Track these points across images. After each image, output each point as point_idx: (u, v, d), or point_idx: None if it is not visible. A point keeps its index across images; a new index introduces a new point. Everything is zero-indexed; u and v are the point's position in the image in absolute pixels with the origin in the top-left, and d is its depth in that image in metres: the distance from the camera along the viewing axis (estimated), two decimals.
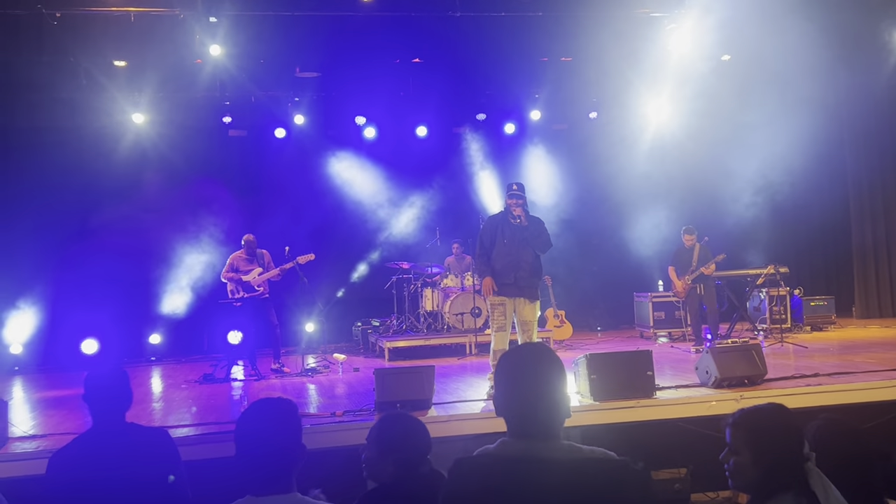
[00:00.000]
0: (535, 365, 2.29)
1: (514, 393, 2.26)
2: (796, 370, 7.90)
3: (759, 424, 2.62)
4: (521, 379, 2.27)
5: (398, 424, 3.24)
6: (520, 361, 2.33)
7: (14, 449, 5.97)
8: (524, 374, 2.28)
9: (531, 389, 2.25)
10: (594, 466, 2.17)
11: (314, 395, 8.30)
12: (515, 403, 2.26)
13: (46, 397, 9.20)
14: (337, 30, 11.63)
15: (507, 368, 2.33)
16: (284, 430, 2.75)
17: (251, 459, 2.68)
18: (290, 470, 2.73)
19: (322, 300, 11.68)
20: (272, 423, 2.74)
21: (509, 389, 2.28)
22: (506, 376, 2.32)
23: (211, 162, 13.15)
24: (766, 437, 2.58)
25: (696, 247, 10.96)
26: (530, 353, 2.35)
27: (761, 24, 11.01)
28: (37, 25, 10.75)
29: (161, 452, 3.58)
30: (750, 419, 2.65)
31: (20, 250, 11.87)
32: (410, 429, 3.22)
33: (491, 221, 7.70)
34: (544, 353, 2.33)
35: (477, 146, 14.28)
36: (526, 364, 2.30)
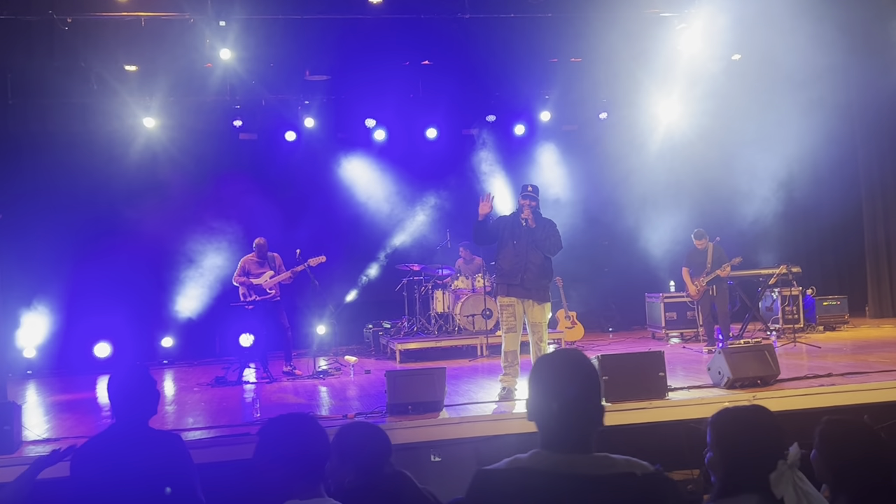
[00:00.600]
0: (571, 374, 2.24)
1: (550, 402, 2.21)
2: (809, 370, 7.87)
3: (728, 425, 2.68)
4: (556, 388, 2.22)
5: (355, 432, 3.30)
6: (556, 369, 2.27)
7: (28, 452, 6.00)
8: (560, 382, 2.23)
9: (567, 399, 2.20)
10: (628, 480, 2.13)
11: (326, 398, 8.31)
12: (550, 413, 2.21)
13: (60, 401, 9.24)
14: (346, 33, 11.65)
15: (542, 376, 2.28)
16: (312, 445, 2.79)
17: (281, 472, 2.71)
18: (319, 474, 2.77)
19: (333, 302, 11.71)
20: (299, 439, 2.77)
21: (544, 398, 2.23)
22: (541, 384, 2.26)
23: (221, 165, 13.18)
24: (732, 438, 2.63)
25: (709, 248, 10.92)
26: (567, 362, 2.29)
27: (772, 23, 10.97)
28: (48, 31, 10.82)
29: (174, 457, 3.59)
30: (722, 419, 2.71)
31: (32, 254, 11.93)
32: (368, 435, 3.28)
33: (501, 220, 7.70)
34: (581, 362, 2.29)
35: (487, 148, 14.26)
36: (562, 373, 2.25)
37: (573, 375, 2.24)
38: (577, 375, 2.24)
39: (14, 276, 10.45)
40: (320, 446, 2.83)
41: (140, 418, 3.66)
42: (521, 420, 6.53)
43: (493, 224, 7.67)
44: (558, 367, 2.28)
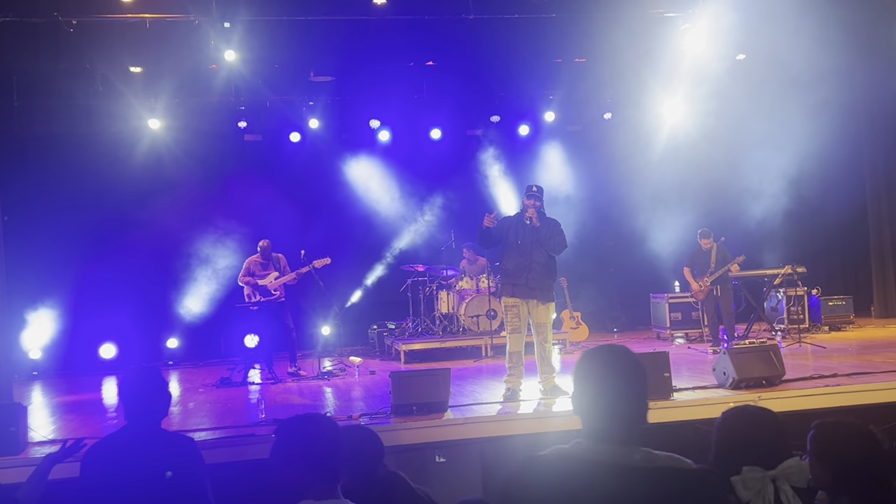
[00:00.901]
0: (618, 369, 2.25)
1: (596, 395, 2.22)
2: (815, 370, 7.86)
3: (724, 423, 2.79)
4: (604, 381, 2.23)
5: (348, 436, 3.25)
6: (604, 363, 2.28)
7: (34, 453, 6.02)
8: (608, 376, 2.23)
9: (614, 393, 2.20)
10: (671, 475, 2.13)
11: (331, 398, 8.32)
12: (596, 405, 2.21)
13: (65, 402, 9.26)
14: (350, 34, 11.65)
15: (589, 368, 2.28)
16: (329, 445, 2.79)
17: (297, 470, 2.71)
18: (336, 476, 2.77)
19: (338, 303, 11.73)
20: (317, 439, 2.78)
21: (591, 390, 2.23)
22: (589, 376, 2.26)
23: (226, 166, 13.21)
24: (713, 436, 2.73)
25: (713, 248, 10.91)
26: (615, 355, 2.29)
27: (777, 23, 10.95)
28: (54, 33, 10.82)
29: (186, 460, 3.59)
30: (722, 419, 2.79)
31: (38, 256, 11.97)
32: (361, 439, 3.30)
33: (506, 221, 7.72)
34: (629, 357, 2.29)
35: (491, 148, 14.27)
36: (611, 366, 2.26)
37: (620, 370, 2.24)
38: (623, 370, 2.24)
39: (20, 277, 10.48)
40: (337, 446, 2.83)
41: (152, 420, 3.66)
42: (526, 421, 6.54)
43: (497, 225, 7.69)
44: (606, 360, 2.28)
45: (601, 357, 2.30)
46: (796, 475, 2.57)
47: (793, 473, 2.57)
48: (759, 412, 2.79)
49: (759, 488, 2.53)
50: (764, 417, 2.75)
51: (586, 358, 2.31)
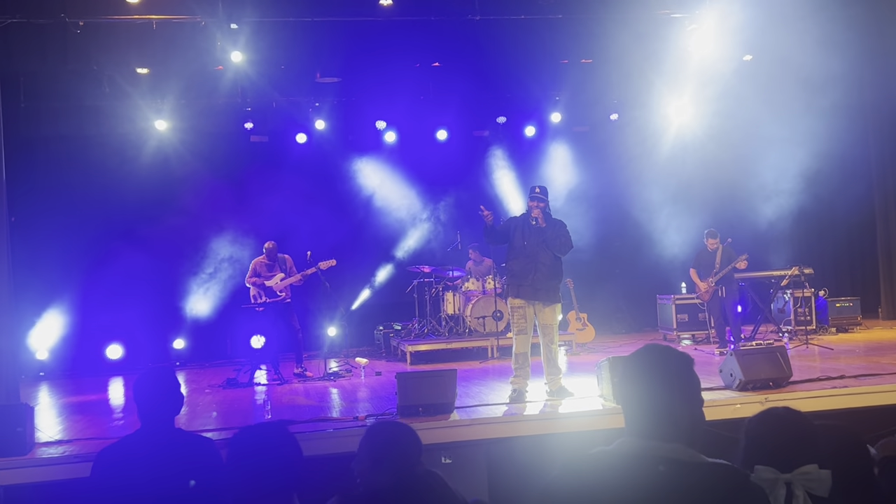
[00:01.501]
0: (665, 367, 2.24)
1: (640, 393, 2.21)
2: (822, 372, 7.84)
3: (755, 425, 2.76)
4: (648, 380, 2.21)
5: (387, 432, 3.26)
6: (651, 362, 2.26)
7: (41, 454, 6.03)
8: (659, 374, 2.22)
9: (656, 391, 2.19)
10: (717, 472, 2.11)
11: (337, 399, 8.32)
12: (640, 403, 2.20)
13: (72, 402, 9.28)
14: (357, 35, 11.67)
15: (636, 366, 2.27)
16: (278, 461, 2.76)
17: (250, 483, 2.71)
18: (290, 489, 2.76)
19: (344, 304, 11.73)
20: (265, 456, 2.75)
21: (635, 389, 2.22)
22: (635, 375, 2.25)
23: (233, 167, 13.23)
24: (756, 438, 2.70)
25: (719, 249, 10.88)
26: (662, 355, 2.28)
27: (784, 24, 10.92)
28: (61, 34, 10.86)
29: (204, 460, 3.57)
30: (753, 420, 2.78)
31: (45, 257, 12.01)
32: (401, 435, 3.24)
33: (512, 221, 7.72)
34: (676, 356, 2.27)
35: (497, 149, 14.27)
36: (656, 365, 2.24)
37: (666, 369, 2.23)
38: (668, 369, 2.23)
39: (27, 277, 10.52)
40: (292, 458, 2.82)
41: (166, 420, 3.65)
42: (532, 422, 6.52)
43: (503, 225, 7.69)
44: (653, 360, 2.27)
45: (648, 356, 2.29)
46: (815, 482, 2.52)
47: (811, 480, 2.52)
48: (786, 413, 2.75)
49: (771, 489, 2.50)
50: (790, 419, 2.71)
51: (635, 357, 2.30)
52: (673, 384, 2.20)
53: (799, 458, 2.56)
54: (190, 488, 3.43)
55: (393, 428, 3.29)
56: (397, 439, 3.18)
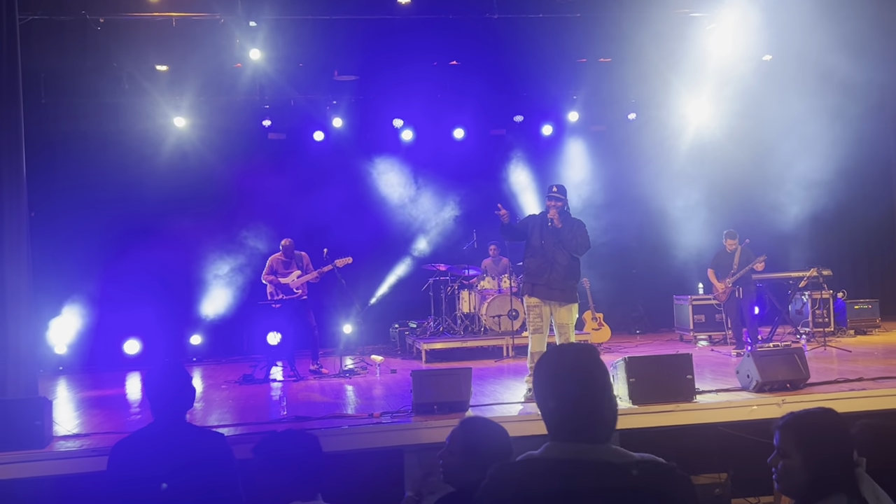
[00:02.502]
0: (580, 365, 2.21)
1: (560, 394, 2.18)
2: (840, 374, 7.77)
3: (810, 427, 2.61)
4: (565, 379, 2.19)
5: (482, 428, 3.25)
6: (563, 362, 2.24)
7: (58, 447, 6.07)
8: (568, 374, 2.19)
9: (578, 391, 2.17)
10: (646, 468, 2.10)
11: (352, 397, 8.33)
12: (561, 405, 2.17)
13: (90, 397, 9.35)
14: (374, 33, 11.70)
15: (549, 369, 2.25)
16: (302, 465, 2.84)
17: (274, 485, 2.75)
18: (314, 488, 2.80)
19: (360, 302, 11.75)
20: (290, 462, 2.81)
21: (554, 391, 2.20)
22: (549, 377, 2.23)
23: (250, 165, 13.26)
24: (817, 441, 2.57)
25: (737, 249, 10.83)
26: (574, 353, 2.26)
27: (803, 22, 10.84)
28: (81, 31, 10.96)
29: (215, 455, 3.59)
30: (800, 422, 2.64)
31: (64, 252, 12.09)
32: (494, 431, 3.23)
33: (530, 219, 7.71)
34: (590, 353, 2.25)
35: (514, 148, 14.25)
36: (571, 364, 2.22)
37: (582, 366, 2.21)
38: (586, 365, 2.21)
39: (46, 273, 10.59)
40: (314, 464, 2.86)
41: (178, 414, 3.68)
42: None
43: (521, 222, 7.68)
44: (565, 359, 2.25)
45: (558, 357, 2.28)
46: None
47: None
48: (831, 412, 2.73)
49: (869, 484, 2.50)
50: (836, 417, 2.69)
51: (545, 359, 2.28)
52: (592, 381, 2.19)
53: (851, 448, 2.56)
54: (201, 483, 3.45)
55: (487, 424, 3.28)
56: (493, 438, 3.18)
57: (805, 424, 2.62)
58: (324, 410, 7.21)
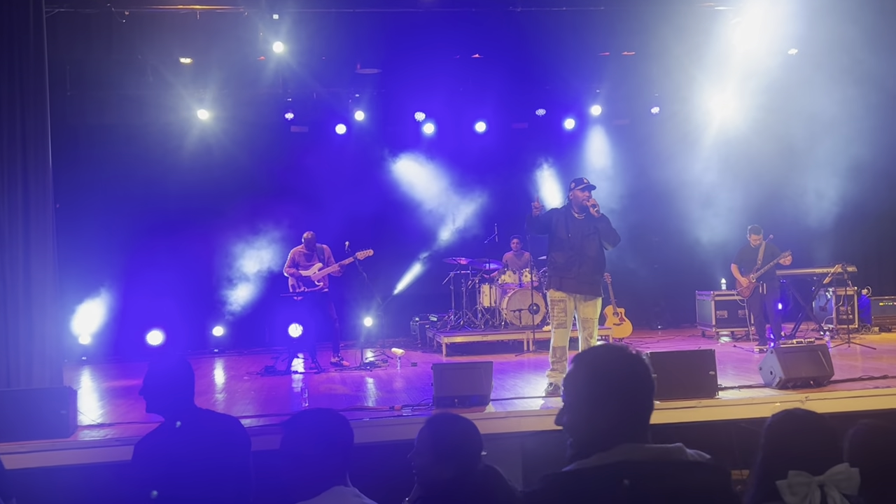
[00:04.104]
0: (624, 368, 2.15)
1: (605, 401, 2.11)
2: (864, 372, 7.70)
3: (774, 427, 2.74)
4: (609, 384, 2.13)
5: (452, 427, 3.18)
6: (605, 365, 2.17)
7: (83, 437, 6.14)
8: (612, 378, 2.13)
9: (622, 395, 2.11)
10: (694, 469, 2.08)
11: (373, 389, 8.36)
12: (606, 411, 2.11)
13: (114, 387, 9.44)
14: (397, 26, 11.70)
15: (590, 374, 2.16)
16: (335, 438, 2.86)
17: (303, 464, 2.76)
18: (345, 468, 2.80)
19: (380, 295, 11.76)
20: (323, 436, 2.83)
21: (597, 397, 2.13)
22: (590, 382, 2.15)
23: (273, 158, 13.34)
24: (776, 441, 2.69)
25: (762, 245, 10.75)
26: (614, 355, 2.19)
27: (829, 17, 10.73)
28: (106, 24, 11.04)
29: (232, 440, 3.62)
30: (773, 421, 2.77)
31: (89, 244, 12.20)
32: (464, 429, 3.18)
33: (554, 213, 7.68)
34: (633, 357, 2.19)
35: (536, 142, 14.21)
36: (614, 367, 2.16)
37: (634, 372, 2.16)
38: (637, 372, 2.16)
39: (71, 264, 10.70)
40: (345, 440, 2.89)
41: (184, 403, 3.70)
42: None
43: (545, 215, 7.65)
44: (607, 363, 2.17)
45: (600, 361, 2.19)
46: (845, 482, 2.51)
47: (842, 480, 2.51)
48: (808, 416, 2.73)
49: (806, 493, 2.48)
50: (812, 421, 2.70)
51: (583, 365, 2.20)
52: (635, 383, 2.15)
53: (827, 459, 2.55)
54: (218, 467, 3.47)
55: (455, 422, 3.21)
56: (462, 434, 3.14)
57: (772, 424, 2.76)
58: (345, 403, 7.24)
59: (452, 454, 3.06)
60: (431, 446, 3.13)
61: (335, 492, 2.75)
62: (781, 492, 2.50)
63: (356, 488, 2.85)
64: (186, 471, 3.44)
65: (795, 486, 2.48)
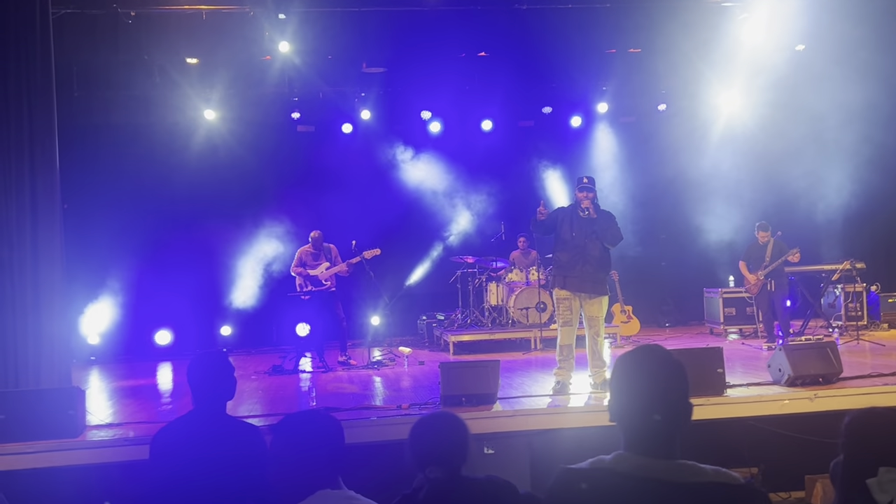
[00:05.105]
0: (655, 372, 2.14)
1: (632, 402, 2.11)
2: (873, 368, 7.66)
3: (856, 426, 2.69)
4: (640, 387, 2.12)
5: (429, 431, 3.05)
6: (639, 367, 2.16)
7: (91, 437, 6.15)
8: (644, 381, 2.12)
9: (651, 399, 2.10)
10: (718, 491, 2.03)
11: (380, 388, 8.36)
12: (634, 414, 2.11)
13: (122, 386, 9.46)
14: (403, 25, 11.70)
15: (625, 374, 2.17)
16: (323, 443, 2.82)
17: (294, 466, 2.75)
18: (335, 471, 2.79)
19: (387, 294, 11.76)
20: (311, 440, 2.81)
21: (628, 398, 2.13)
22: (624, 382, 2.15)
23: (280, 157, 13.36)
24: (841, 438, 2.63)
25: (770, 242, 10.71)
26: (651, 359, 2.18)
27: (837, 13, 10.68)
28: (112, 24, 11.07)
29: (249, 448, 3.61)
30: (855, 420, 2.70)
31: (96, 243, 12.23)
32: (443, 430, 3.04)
33: (560, 212, 7.66)
34: (666, 359, 2.17)
35: (543, 140, 14.18)
36: (646, 371, 2.14)
37: (657, 373, 2.13)
38: (661, 373, 2.14)
39: (79, 264, 10.72)
40: (336, 440, 2.85)
41: (218, 403, 3.70)
42: (576, 414, 6.50)
43: (550, 215, 7.63)
44: (642, 364, 2.16)
45: (638, 361, 2.17)
46: None
47: None
48: (889, 412, 2.67)
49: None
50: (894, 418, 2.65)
51: (621, 361, 2.19)
52: (667, 390, 2.12)
53: None
54: (236, 474, 3.47)
55: (434, 424, 3.09)
56: (441, 436, 3.02)
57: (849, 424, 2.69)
58: (352, 401, 7.24)
59: (434, 461, 2.94)
60: (411, 454, 3.01)
61: (320, 496, 2.72)
62: (872, 490, 2.44)
63: (356, 489, 2.83)
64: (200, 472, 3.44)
65: (887, 484, 2.43)
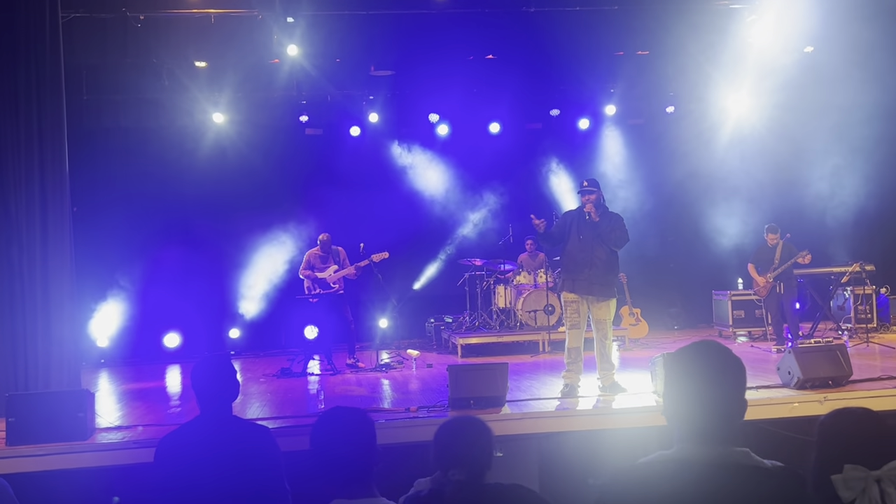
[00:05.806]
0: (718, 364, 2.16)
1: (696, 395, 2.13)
2: (883, 371, 7.64)
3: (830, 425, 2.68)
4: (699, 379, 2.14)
5: (452, 434, 3.02)
6: (702, 360, 2.18)
7: (100, 439, 6.16)
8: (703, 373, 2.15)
9: (714, 391, 2.12)
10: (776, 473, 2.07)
11: (388, 391, 8.36)
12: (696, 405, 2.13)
13: (131, 389, 9.48)
14: (411, 28, 11.71)
15: (686, 367, 2.19)
16: (362, 438, 2.84)
17: (331, 463, 2.75)
18: (370, 473, 2.79)
19: (396, 296, 11.77)
20: (350, 431, 2.82)
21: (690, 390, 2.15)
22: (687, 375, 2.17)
23: (288, 160, 13.38)
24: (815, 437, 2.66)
25: (779, 244, 10.68)
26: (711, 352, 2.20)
27: (846, 14, 10.64)
28: (122, 28, 11.11)
29: (263, 451, 3.61)
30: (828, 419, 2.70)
31: (106, 247, 12.27)
32: (467, 434, 3.02)
33: (567, 216, 7.66)
34: (725, 352, 2.19)
35: (550, 142, 14.17)
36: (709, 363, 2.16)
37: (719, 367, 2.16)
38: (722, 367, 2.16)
39: (88, 267, 10.76)
40: (371, 443, 2.85)
41: (224, 406, 3.70)
42: (584, 417, 6.48)
43: (557, 223, 7.63)
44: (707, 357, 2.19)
45: (698, 355, 2.20)
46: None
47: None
48: (862, 412, 2.69)
49: (863, 488, 2.45)
50: (866, 417, 2.66)
51: (682, 356, 2.22)
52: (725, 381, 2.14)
53: (883, 455, 2.50)
54: (247, 477, 3.47)
55: (462, 426, 3.06)
56: (468, 439, 2.99)
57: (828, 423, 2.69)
58: (360, 404, 7.24)
59: (458, 464, 2.92)
60: (435, 459, 3.00)
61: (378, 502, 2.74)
62: (836, 486, 2.46)
63: None
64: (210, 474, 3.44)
65: (851, 481, 2.45)
